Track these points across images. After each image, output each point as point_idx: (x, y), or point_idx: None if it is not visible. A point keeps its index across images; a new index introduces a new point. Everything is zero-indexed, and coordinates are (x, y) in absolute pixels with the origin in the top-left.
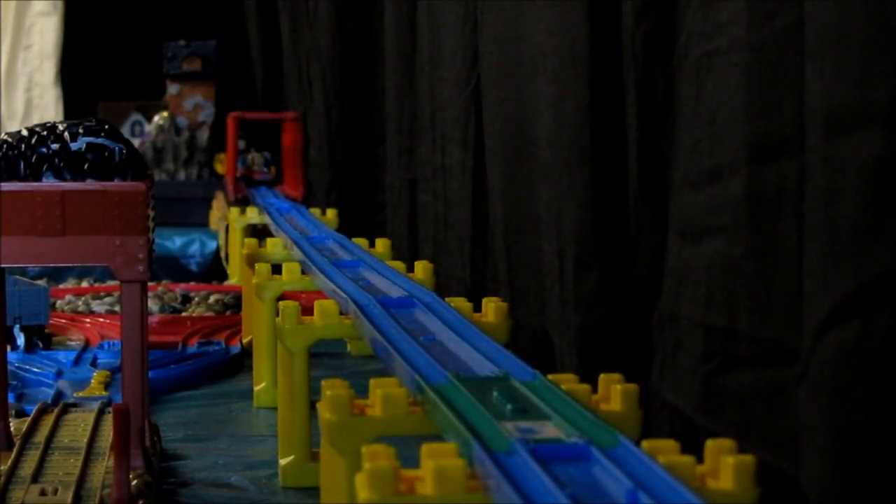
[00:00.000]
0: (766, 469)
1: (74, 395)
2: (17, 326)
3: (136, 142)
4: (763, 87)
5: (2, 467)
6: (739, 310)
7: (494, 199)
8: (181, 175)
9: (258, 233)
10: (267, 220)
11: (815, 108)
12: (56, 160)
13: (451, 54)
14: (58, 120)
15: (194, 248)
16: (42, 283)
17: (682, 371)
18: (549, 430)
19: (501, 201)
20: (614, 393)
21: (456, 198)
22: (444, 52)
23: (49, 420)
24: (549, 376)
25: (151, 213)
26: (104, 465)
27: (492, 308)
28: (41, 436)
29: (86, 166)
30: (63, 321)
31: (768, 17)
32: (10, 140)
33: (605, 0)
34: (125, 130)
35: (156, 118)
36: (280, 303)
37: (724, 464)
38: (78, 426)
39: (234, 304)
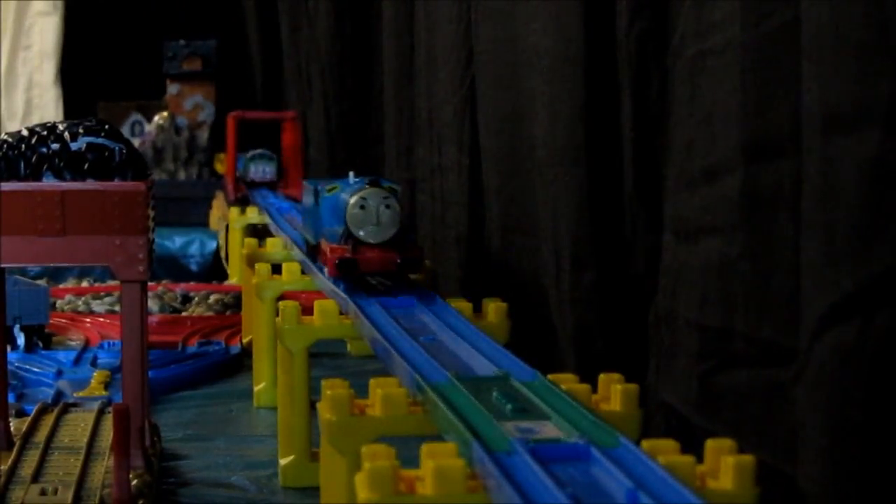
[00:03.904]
0: (762, 469)
1: (74, 394)
2: (17, 326)
3: (136, 142)
4: (758, 87)
5: (2, 467)
6: (735, 310)
7: (491, 198)
8: (181, 175)
9: (258, 233)
10: (267, 220)
11: (812, 108)
12: (56, 160)
13: (445, 54)
14: (58, 120)
15: (194, 248)
16: (42, 283)
17: (679, 371)
18: (549, 430)
19: (498, 201)
20: (614, 393)
21: (452, 198)
22: (438, 52)
23: (49, 420)
24: (549, 376)
25: (151, 213)
26: (104, 465)
27: (492, 308)
28: (41, 436)
29: (86, 166)
30: (63, 321)
31: (762, 16)
32: (10, 140)
33: None
34: (125, 130)
35: (156, 118)
36: (280, 303)
37: (724, 464)
38: (78, 426)
39: (234, 304)
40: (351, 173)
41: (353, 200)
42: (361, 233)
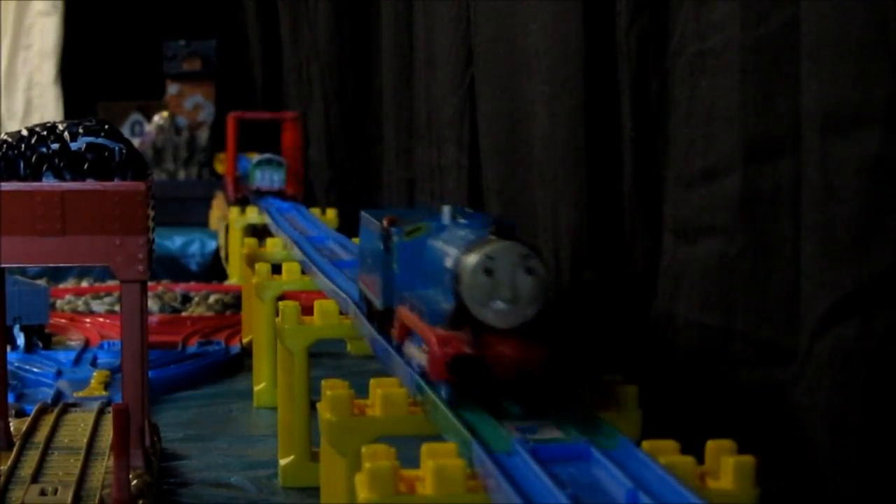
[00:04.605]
0: (762, 469)
1: (74, 394)
2: (17, 326)
3: (136, 141)
4: (757, 87)
5: (2, 467)
6: (735, 309)
7: (490, 198)
8: (181, 175)
9: (258, 233)
10: (267, 219)
11: (811, 108)
12: (56, 160)
13: (444, 54)
14: (58, 120)
15: (194, 248)
16: (42, 282)
17: (678, 371)
18: (549, 430)
19: (497, 201)
20: (614, 392)
21: (452, 197)
22: (438, 52)
23: (49, 420)
24: None
25: (151, 213)
26: (104, 465)
27: None
28: (41, 436)
29: (86, 166)
30: (63, 321)
31: (762, 16)
32: (10, 140)
33: None
34: (125, 130)
35: (156, 118)
36: (280, 303)
37: (725, 464)
38: (78, 426)
39: (234, 303)
40: (446, 208)
41: (473, 261)
42: (488, 314)
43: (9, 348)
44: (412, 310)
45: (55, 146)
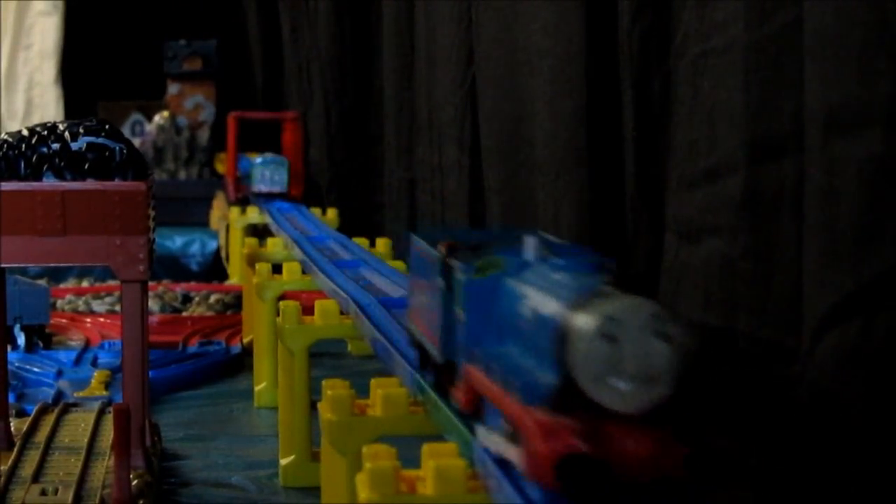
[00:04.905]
0: (763, 469)
1: (75, 394)
2: (18, 326)
3: (136, 141)
4: (761, 87)
5: (2, 467)
6: (738, 310)
7: (491, 198)
8: (181, 175)
9: (258, 232)
10: (267, 219)
11: (814, 108)
12: (56, 160)
13: (446, 54)
14: (58, 120)
15: (195, 248)
16: (42, 282)
17: (679, 371)
18: None
19: (498, 201)
20: None
21: (453, 198)
22: (438, 52)
23: (49, 420)
24: None
25: (152, 213)
26: (104, 465)
27: None
28: (41, 436)
29: (86, 166)
30: (63, 321)
31: (765, 16)
32: (10, 140)
33: None
34: (125, 130)
35: (156, 118)
36: (280, 303)
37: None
38: (78, 426)
39: (235, 303)
40: (529, 239)
41: (590, 323)
42: (609, 394)
43: (9, 348)
44: (489, 374)
45: (56, 146)
